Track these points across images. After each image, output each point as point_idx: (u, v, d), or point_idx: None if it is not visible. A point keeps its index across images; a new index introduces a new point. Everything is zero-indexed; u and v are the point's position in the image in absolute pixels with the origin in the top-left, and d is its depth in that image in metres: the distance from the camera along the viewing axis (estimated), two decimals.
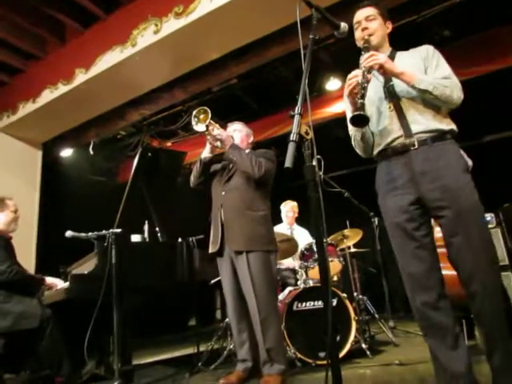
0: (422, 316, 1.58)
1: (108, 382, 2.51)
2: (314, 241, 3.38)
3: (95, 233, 2.75)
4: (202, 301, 6.99)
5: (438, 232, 1.63)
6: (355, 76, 1.57)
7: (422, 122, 1.60)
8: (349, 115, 1.64)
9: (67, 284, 2.85)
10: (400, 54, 1.76)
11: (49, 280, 3.10)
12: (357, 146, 1.80)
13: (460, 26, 3.83)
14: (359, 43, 1.76)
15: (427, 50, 1.70)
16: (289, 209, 4.18)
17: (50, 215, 4.89)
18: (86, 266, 3.08)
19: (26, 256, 3.89)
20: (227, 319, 3.35)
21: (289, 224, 4.17)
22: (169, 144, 6.39)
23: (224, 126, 2.77)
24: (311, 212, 1.12)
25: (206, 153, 2.65)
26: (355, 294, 3.52)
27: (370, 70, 1.58)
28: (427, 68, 1.66)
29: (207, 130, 2.53)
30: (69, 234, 2.69)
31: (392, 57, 1.71)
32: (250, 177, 2.54)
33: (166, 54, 3.48)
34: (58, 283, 3.09)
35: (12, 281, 2.87)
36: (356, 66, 1.65)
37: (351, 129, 1.75)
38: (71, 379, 2.93)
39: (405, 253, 1.62)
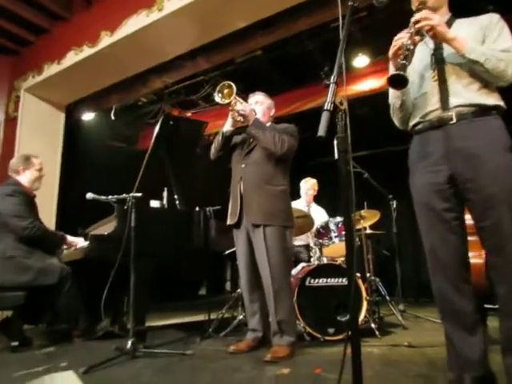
0: (442, 298, 1.55)
1: (122, 340, 2.58)
2: (330, 219, 3.39)
3: (115, 196, 2.78)
4: (214, 271, 7.10)
5: (469, 219, 1.56)
6: (402, 37, 1.48)
7: (464, 95, 1.51)
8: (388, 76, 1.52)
9: (87, 243, 2.92)
10: (459, 22, 1.61)
11: (70, 238, 3.18)
12: (394, 115, 1.73)
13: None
14: (414, 5, 1.61)
15: (490, 19, 1.55)
16: (309, 186, 4.17)
17: (70, 177, 4.96)
18: (105, 228, 3.14)
19: (47, 216, 3.98)
20: (239, 290, 3.42)
21: (307, 201, 4.16)
22: (189, 114, 6.36)
23: (245, 97, 2.73)
24: (341, 185, 1.10)
25: (227, 126, 2.64)
26: (368, 274, 3.53)
27: (419, 31, 1.48)
28: (486, 38, 1.52)
29: (230, 104, 2.51)
30: (89, 195, 2.73)
31: (449, 23, 1.58)
32: (270, 153, 2.53)
33: (192, 20, 3.42)
34: (79, 242, 3.16)
35: (34, 237, 2.96)
36: (388, 43, 1.57)
37: (391, 96, 1.69)
38: (87, 334, 3.04)
39: (431, 234, 1.56)
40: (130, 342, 2.37)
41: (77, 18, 4.20)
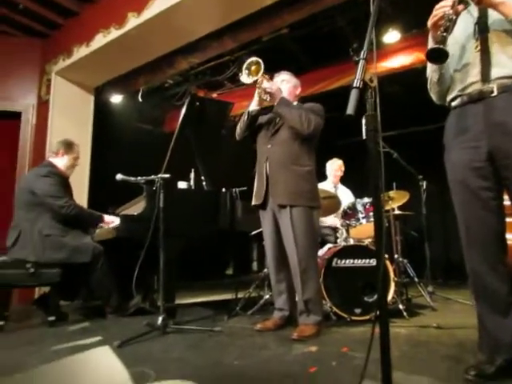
0: (475, 278, 1.52)
1: (152, 316, 2.67)
2: (358, 200, 3.35)
3: (144, 177, 2.83)
4: (240, 251, 7.19)
5: (507, 200, 1.50)
6: (443, 6, 1.41)
7: (509, 65, 1.42)
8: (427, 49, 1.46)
9: (118, 223, 3.01)
10: None
11: (107, 217, 3.27)
12: (432, 89, 1.67)
13: None
14: None
15: None
16: (336, 167, 4.13)
17: (100, 159, 5.08)
18: (134, 208, 3.22)
19: (79, 196, 4.09)
20: (265, 270, 3.45)
21: (333, 182, 4.13)
22: (214, 95, 6.35)
23: (271, 77, 2.70)
24: (370, 165, 1.08)
25: (253, 105, 2.62)
26: (396, 256, 3.49)
27: (461, 0, 1.41)
28: None
29: (257, 81, 2.48)
30: (119, 177, 2.79)
31: None
32: (297, 132, 2.50)
33: None
34: (116, 221, 3.25)
35: (69, 216, 3.06)
36: (420, 17, 1.50)
37: (429, 69, 1.63)
38: (119, 310, 3.16)
39: (467, 212, 1.52)
40: (160, 319, 2.45)
41: (104, 0, 4.21)
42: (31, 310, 3.47)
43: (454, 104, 1.58)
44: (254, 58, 2.49)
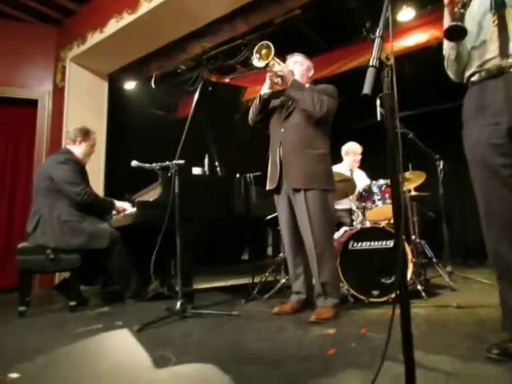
0: (497, 256, 1.48)
1: (171, 301, 2.71)
2: (373, 182, 3.30)
3: (159, 163, 2.84)
4: (256, 236, 7.22)
5: None
6: None
7: None
8: (445, 27, 1.44)
9: (134, 210, 3.03)
10: None
11: (118, 204, 3.30)
12: (449, 67, 1.63)
13: None
14: None
15: None
16: (353, 151, 4.07)
17: (115, 145, 5.11)
18: (151, 194, 3.23)
19: (95, 183, 4.14)
20: (281, 254, 3.46)
21: (350, 166, 4.07)
22: (227, 80, 6.30)
23: (284, 60, 2.65)
24: (387, 145, 1.06)
25: (265, 89, 2.58)
26: (413, 237, 3.45)
27: None
28: None
29: (268, 65, 2.45)
30: (134, 163, 2.81)
31: None
32: (309, 114, 2.46)
33: None
34: (127, 207, 3.28)
35: (85, 202, 3.11)
36: None
37: (445, 47, 1.59)
38: (138, 295, 3.21)
39: (487, 190, 1.49)
40: (179, 303, 2.48)
41: None
42: (52, 295, 3.57)
43: (472, 80, 1.54)
44: (263, 42, 2.45)
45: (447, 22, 1.48)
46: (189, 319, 2.45)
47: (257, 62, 2.47)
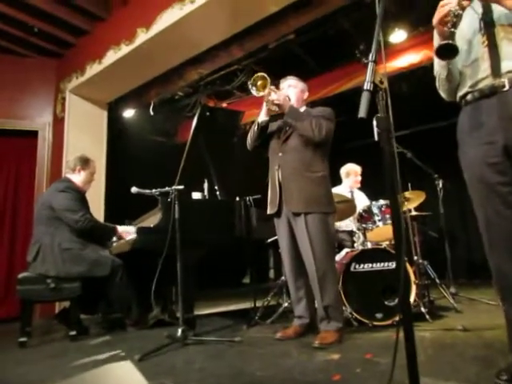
0: (500, 275, 1.46)
1: (172, 328, 2.67)
2: (373, 202, 3.30)
3: (158, 189, 2.85)
4: (257, 259, 7.16)
5: None
6: (448, 2, 1.39)
7: None
8: (435, 46, 1.45)
9: (135, 235, 3.02)
10: None
11: (121, 229, 3.29)
12: (441, 86, 1.65)
13: None
14: None
15: None
16: (352, 173, 4.08)
17: (114, 172, 5.14)
18: (151, 220, 3.23)
19: (96, 210, 4.14)
20: (283, 277, 3.43)
21: (350, 187, 4.08)
22: (224, 104, 6.39)
23: (278, 86, 2.69)
24: (385, 166, 1.06)
25: (262, 116, 2.61)
26: (415, 257, 3.42)
27: None
28: None
29: (265, 94, 2.49)
30: (134, 190, 2.81)
31: None
32: (308, 139, 2.49)
33: (225, 8, 3.39)
34: (130, 231, 3.26)
35: (85, 229, 3.09)
36: (425, 15, 1.49)
37: (436, 66, 1.61)
38: (139, 323, 3.17)
39: (486, 208, 1.48)
40: (180, 330, 2.44)
41: (114, 17, 4.30)
42: (53, 325, 3.51)
43: (465, 100, 1.55)
44: (259, 74, 2.50)
45: (437, 41, 1.50)
46: (190, 346, 2.41)
47: (254, 92, 2.51)
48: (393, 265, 2.80)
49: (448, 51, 1.32)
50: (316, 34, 4.58)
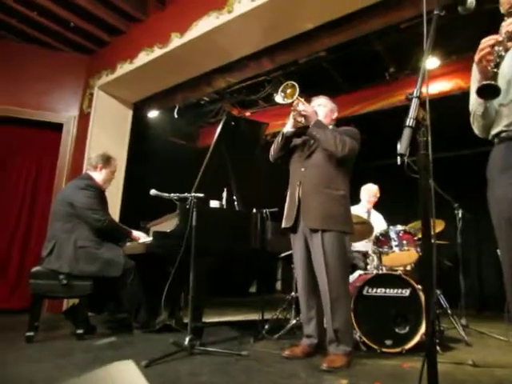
0: None
1: (178, 334, 2.67)
2: (391, 227, 3.27)
3: (177, 194, 2.85)
4: (265, 270, 7.14)
5: None
6: (491, 41, 1.38)
7: None
8: (474, 85, 1.43)
9: (150, 239, 3.03)
10: None
11: (134, 233, 3.31)
12: (475, 123, 1.62)
13: None
14: (504, 7, 1.51)
15: None
16: (371, 193, 4.08)
17: (134, 172, 5.19)
18: (166, 224, 3.24)
19: (112, 208, 4.15)
20: (293, 293, 3.41)
21: (367, 208, 4.06)
22: (248, 113, 6.43)
23: (308, 100, 2.69)
24: (420, 202, 1.06)
25: (288, 127, 2.61)
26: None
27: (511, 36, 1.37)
28: None
29: (292, 104, 2.49)
30: (153, 192, 2.81)
31: None
32: (331, 154, 2.48)
33: (261, 21, 3.43)
34: (142, 237, 3.28)
35: (105, 229, 3.12)
36: (462, 43, 1.48)
37: (473, 102, 1.59)
38: (146, 326, 3.17)
39: None
40: (187, 339, 2.44)
41: (150, 20, 4.37)
42: (60, 320, 3.53)
43: (499, 138, 1.53)
44: (289, 82, 2.50)
45: (477, 79, 1.49)
46: (197, 356, 2.40)
47: (281, 99, 2.52)
48: (406, 292, 2.77)
49: (490, 92, 1.30)
50: (347, 54, 4.59)
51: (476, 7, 1.51)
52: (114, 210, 4.60)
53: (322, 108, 2.70)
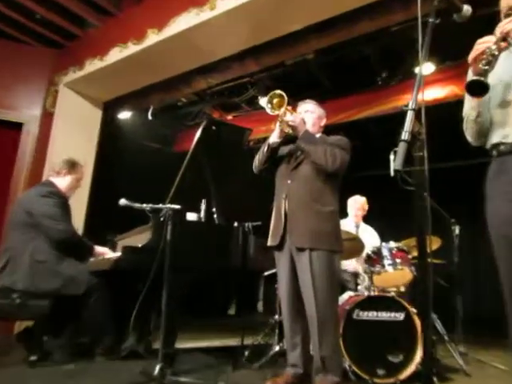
0: None
1: (147, 362, 2.61)
2: (383, 244, 3.30)
3: (150, 205, 2.80)
4: (245, 289, 7.10)
5: None
6: (486, 41, 1.44)
7: None
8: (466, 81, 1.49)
9: (118, 254, 2.97)
10: None
11: (98, 249, 3.24)
12: (468, 128, 1.67)
13: None
14: (502, 11, 1.59)
15: None
16: (359, 206, 4.09)
17: (102, 178, 5.12)
18: (137, 238, 3.19)
19: (76, 219, 4.09)
20: (276, 316, 3.39)
21: (355, 222, 4.08)
22: (230, 117, 6.45)
23: (294, 106, 2.71)
24: (414, 224, 1.07)
25: (274, 137, 2.61)
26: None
27: (506, 37, 1.43)
28: None
29: (280, 114, 2.50)
30: (122, 202, 2.74)
31: None
32: (321, 168, 2.50)
33: (245, 21, 3.45)
34: (107, 254, 3.21)
35: (67, 241, 3.05)
36: (456, 48, 1.53)
37: (467, 106, 1.63)
38: (110, 352, 3.08)
39: None
40: (158, 367, 2.37)
41: (124, 14, 4.36)
42: (10, 344, 3.40)
43: (496, 151, 1.57)
44: (276, 91, 2.51)
45: (470, 77, 1.54)
46: None
47: (268, 110, 2.52)
48: (401, 316, 2.77)
49: (478, 87, 1.36)
50: (336, 56, 4.67)
51: (472, 13, 1.57)
52: (78, 221, 4.51)
53: (309, 115, 2.71)
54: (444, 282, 4.48)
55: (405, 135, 1.08)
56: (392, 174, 1.09)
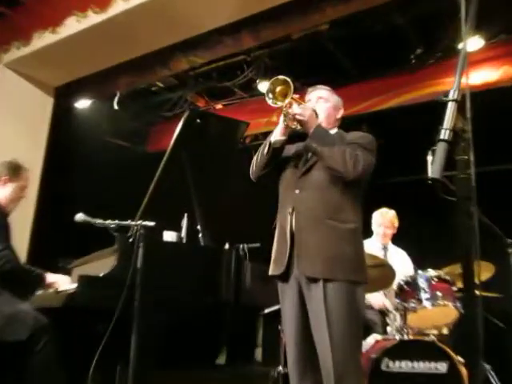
0: None
1: None
2: (419, 271, 3.31)
3: (116, 221, 2.82)
4: (239, 330, 7.09)
5: None
6: None
7: None
8: None
9: (73, 286, 2.98)
10: None
11: (50, 277, 3.24)
12: None
13: None
14: None
15: None
16: (387, 222, 4.08)
17: (53, 186, 5.12)
18: (98, 265, 3.20)
19: (18, 240, 4.07)
20: (279, 367, 3.39)
21: (382, 242, 4.09)
22: (219, 106, 6.48)
23: (303, 94, 2.72)
24: (458, 246, 1.08)
25: (277, 134, 2.60)
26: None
27: None
28: None
29: (284, 106, 2.50)
30: (79, 217, 2.76)
31: None
32: (338, 174, 2.50)
33: None
34: (62, 282, 3.21)
35: (3, 271, 3.04)
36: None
37: None
38: None
39: None
40: None
41: None
42: None
43: None
44: (280, 77, 2.51)
45: None
46: None
47: (269, 101, 2.52)
48: (443, 368, 2.79)
49: None
50: (358, 29, 4.68)
51: None
52: (21, 242, 4.51)
53: (322, 104, 2.71)
54: (499, 321, 4.50)
55: (445, 134, 1.08)
56: (429, 180, 1.10)
